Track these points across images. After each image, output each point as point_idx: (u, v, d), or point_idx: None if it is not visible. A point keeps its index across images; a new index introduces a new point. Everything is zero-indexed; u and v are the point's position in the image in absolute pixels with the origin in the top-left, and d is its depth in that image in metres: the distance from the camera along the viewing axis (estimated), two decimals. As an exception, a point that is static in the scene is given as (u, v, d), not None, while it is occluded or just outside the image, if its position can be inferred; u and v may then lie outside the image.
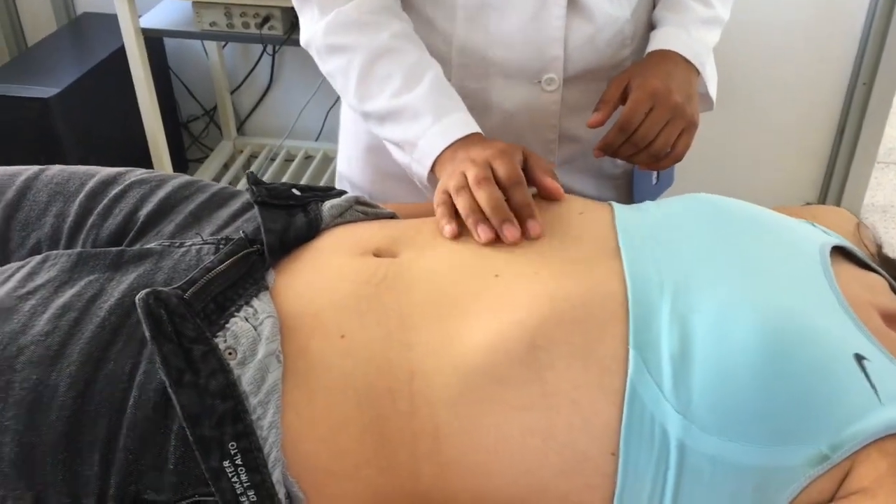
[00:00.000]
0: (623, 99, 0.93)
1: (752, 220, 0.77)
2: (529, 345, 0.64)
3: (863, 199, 2.38)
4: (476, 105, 0.97)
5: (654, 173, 1.06)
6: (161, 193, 0.84)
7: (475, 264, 0.72)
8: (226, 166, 2.46)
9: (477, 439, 0.64)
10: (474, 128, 0.87)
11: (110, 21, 2.04)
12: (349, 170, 1.14)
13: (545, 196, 0.81)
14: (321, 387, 0.65)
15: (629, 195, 1.09)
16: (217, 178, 2.43)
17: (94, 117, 2.12)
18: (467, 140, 0.85)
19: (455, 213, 0.78)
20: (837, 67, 2.23)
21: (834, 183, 2.41)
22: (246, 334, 0.66)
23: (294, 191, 0.82)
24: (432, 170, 0.87)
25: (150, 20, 1.99)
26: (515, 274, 0.70)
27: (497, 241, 0.74)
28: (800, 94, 2.29)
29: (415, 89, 0.88)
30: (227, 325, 0.66)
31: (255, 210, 0.78)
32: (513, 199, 0.76)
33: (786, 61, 2.23)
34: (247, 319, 0.67)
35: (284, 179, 2.34)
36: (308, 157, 2.44)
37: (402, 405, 0.65)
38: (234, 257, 0.71)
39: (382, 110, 0.91)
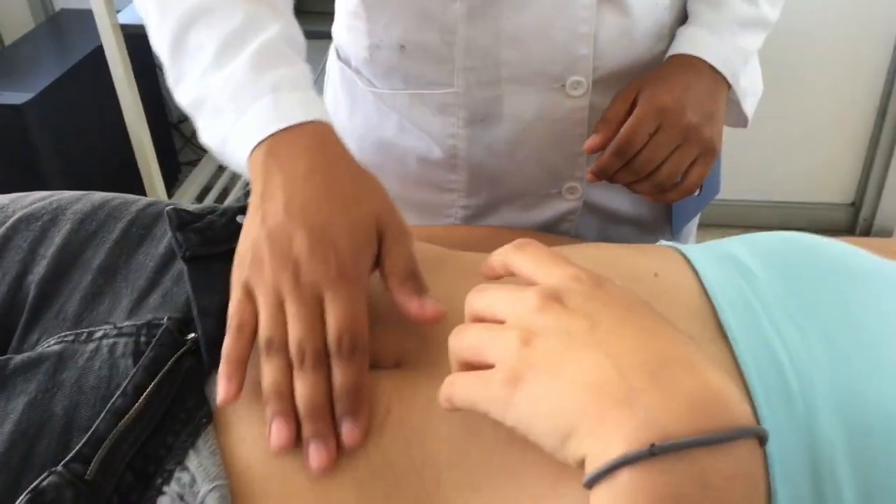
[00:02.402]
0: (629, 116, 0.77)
1: (868, 276, 0.54)
2: None
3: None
4: (487, 117, 0.81)
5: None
6: (57, 238, 0.59)
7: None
8: (221, 168, 2.31)
9: None
10: (286, 119, 0.57)
11: (91, 17, 1.90)
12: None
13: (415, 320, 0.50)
14: None
15: (668, 209, 0.92)
16: (212, 181, 2.29)
17: (73, 123, 1.97)
18: (280, 145, 0.56)
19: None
20: (877, 49, 2.14)
21: (875, 169, 2.30)
22: None
23: (239, 218, 0.56)
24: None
25: (130, 15, 1.84)
26: None
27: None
28: (839, 77, 2.19)
29: (224, 68, 0.60)
30: None
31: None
32: (337, 378, 0.48)
33: (824, 44, 2.14)
34: (181, 497, 0.45)
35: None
36: (308, 157, 2.29)
37: None
38: (156, 379, 0.48)
39: (189, 100, 0.63)
